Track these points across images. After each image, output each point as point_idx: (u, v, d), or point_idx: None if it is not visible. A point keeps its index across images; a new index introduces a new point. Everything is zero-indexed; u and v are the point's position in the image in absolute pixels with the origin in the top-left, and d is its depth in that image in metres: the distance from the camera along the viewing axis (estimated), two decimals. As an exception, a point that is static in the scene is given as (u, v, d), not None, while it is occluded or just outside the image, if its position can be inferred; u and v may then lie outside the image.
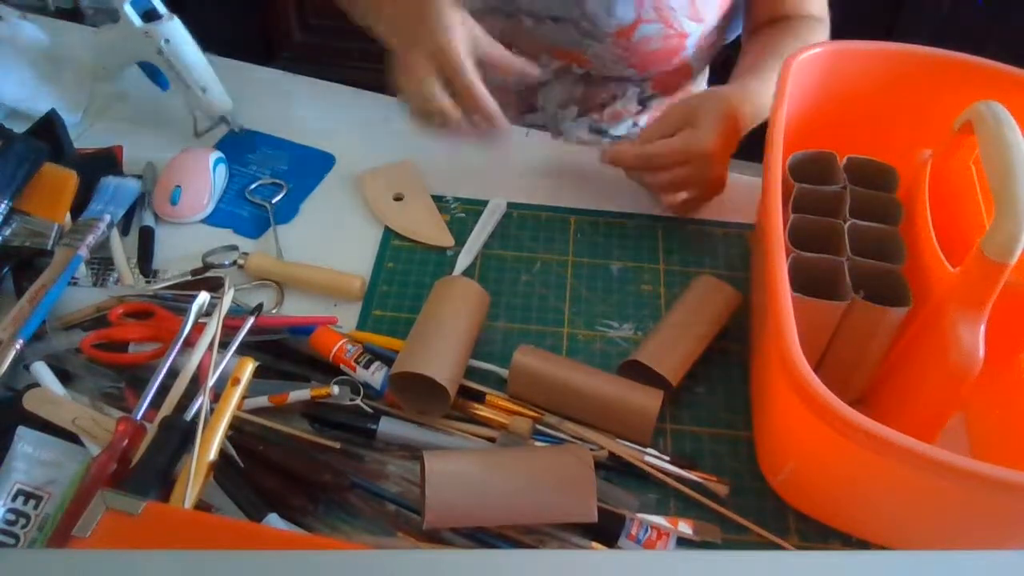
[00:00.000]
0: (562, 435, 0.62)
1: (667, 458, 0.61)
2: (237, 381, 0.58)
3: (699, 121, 0.71)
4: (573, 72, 0.89)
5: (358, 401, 0.62)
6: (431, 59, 0.68)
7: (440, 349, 0.62)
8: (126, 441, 0.56)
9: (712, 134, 0.71)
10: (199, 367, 0.62)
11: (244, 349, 0.63)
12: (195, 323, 0.64)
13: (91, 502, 0.46)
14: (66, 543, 0.50)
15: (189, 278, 0.73)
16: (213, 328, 0.62)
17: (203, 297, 0.65)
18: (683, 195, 0.77)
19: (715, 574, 0.35)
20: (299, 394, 0.61)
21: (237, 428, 0.60)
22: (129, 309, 0.68)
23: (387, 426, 0.61)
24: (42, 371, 0.62)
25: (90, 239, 0.72)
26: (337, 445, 0.60)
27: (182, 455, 0.55)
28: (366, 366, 0.63)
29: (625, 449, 0.61)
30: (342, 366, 0.64)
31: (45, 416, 0.59)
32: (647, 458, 0.61)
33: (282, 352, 0.66)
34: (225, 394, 0.57)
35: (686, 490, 0.60)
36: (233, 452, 0.57)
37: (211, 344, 0.62)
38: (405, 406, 0.62)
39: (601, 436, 0.62)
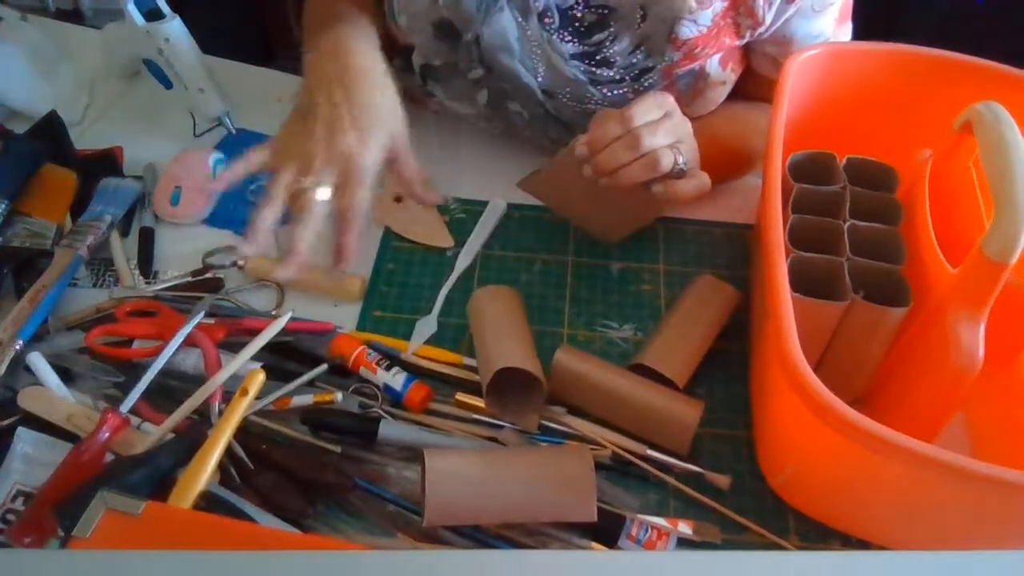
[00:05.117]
0: (565, 428, 0.62)
1: (668, 454, 0.61)
2: (246, 392, 0.58)
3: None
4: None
5: (377, 408, 0.63)
6: (332, 150, 0.61)
7: (524, 350, 0.63)
8: (108, 433, 0.56)
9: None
10: (207, 367, 0.62)
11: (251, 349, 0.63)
12: (196, 324, 0.64)
13: (91, 502, 0.46)
14: (35, 530, 0.51)
15: (189, 279, 0.73)
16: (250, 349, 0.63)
17: (206, 300, 0.65)
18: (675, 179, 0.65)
19: (715, 574, 0.35)
20: (302, 399, 0.62)
21: (243, 429, 0.60)
22: (134, 308, 0.68)
23: (387, 429, 0.61)
24: (38, 363, 0.62)
25: (90, 240, 0.72)
26: (338, 449, 0.60)
27: (188, 460, 0.56)
28: (387, 369, 0.64)
29: (627, 444, 0.61)
30: (363, 369, 0.64)
31: (39, 413, 0.59)
32: (648, 452, 0.61)
33: (289, 353, 0.66)
34: (233, 403, 0.57)
35: (686, 489, 0.60)
36: (243, 454, 0.58)
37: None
38: (499, 411, 0.63)
39: (603, 434, 0.62)
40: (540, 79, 0.76)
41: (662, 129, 0.63)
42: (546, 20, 0.72)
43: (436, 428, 0.62)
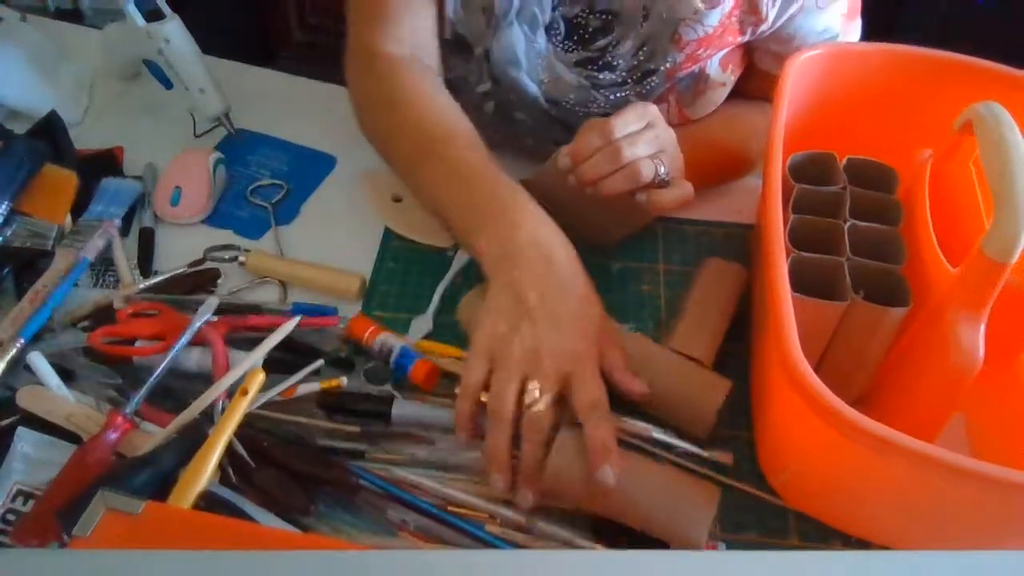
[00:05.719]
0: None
1: (673, 435, 0.61)
2: (246, 392, 0.58)
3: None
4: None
5: (388, 387, 0.64)
6: (561, 347, 0.57)
7: None
8: (115, 435, 0.56)
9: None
10: (215, 364, 0.63)
11: (252, 344, 0.63)
12: (201, 324, 0.64)
13: (91, 502, 0.46)
14: (39, 533, 0.51)
15: (186, 271, 0.73)
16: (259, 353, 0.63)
17: (212, 301, 0.66)
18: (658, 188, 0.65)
19: (715, 574, 0.35)
20: (308, 387, 0.62)
21: (245, 425, 0.60)
22: (136, 310, 0.68)
23: (401, 408, 0.61)
24: (39, 363, 0.62)
25: (99, 243, 0.72)
26: (356, 429, 0.61)
27: (190, 460, 0.56)
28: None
29: (632, 426, 0.61)
30: (379, 336, 0.66)
31: (39, 413, 0.59)
32: (654, 434, 0.61)
33: (290, 346, 0.66)
34: (233, 403, 0.57)
35: (692, 466, 0.60)
36: (243, 452, 0.58)
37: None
38: None
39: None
40: (545, 88, 0.76)
41: (643, 140, 0.63)
42: (552, 31, 0.72)
43: (450, 406, 0.61)
